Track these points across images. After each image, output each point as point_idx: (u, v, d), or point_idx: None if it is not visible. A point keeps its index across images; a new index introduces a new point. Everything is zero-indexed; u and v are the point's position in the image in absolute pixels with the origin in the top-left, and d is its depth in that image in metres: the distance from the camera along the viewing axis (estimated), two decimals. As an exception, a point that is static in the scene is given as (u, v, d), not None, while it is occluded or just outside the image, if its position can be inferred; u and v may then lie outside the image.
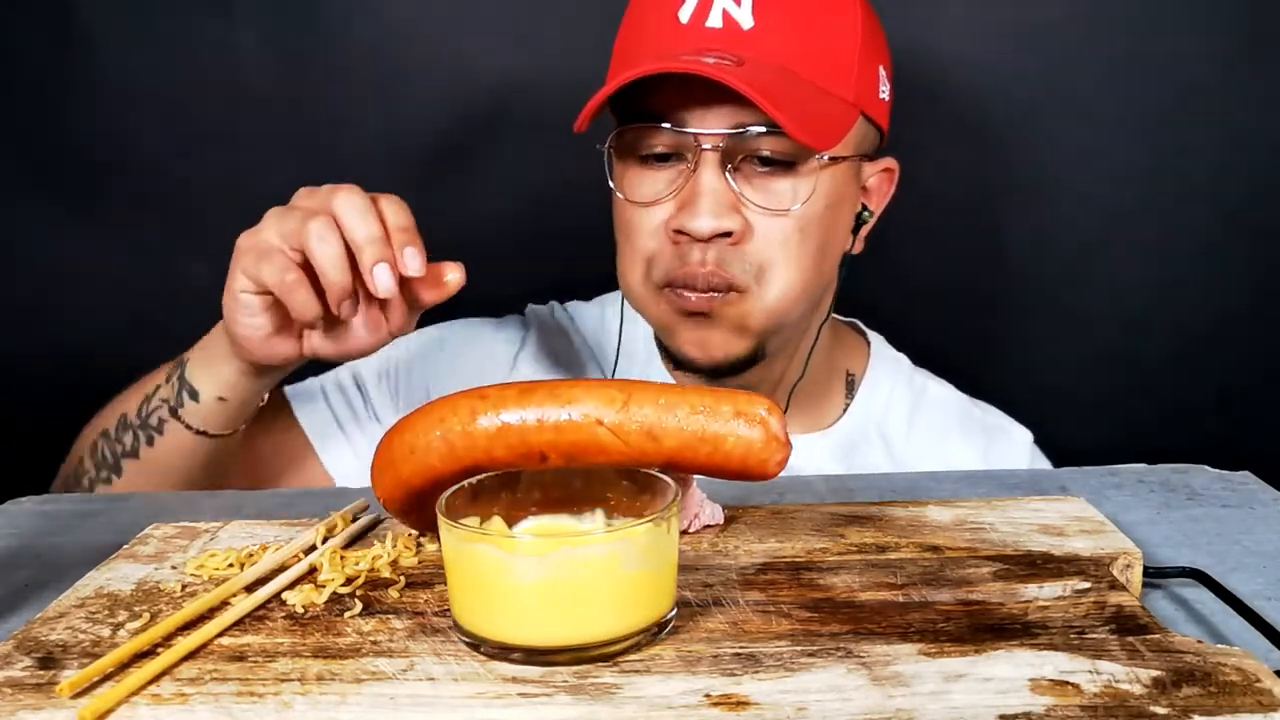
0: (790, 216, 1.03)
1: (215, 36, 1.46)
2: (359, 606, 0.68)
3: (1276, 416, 1.49)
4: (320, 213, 0.88)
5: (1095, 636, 0.62)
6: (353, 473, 1.17)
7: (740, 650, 0.61)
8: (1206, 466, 1.00)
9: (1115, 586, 0.68)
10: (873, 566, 0.72)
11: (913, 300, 1.52)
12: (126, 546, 0.81)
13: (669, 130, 1.02)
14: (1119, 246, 1.47)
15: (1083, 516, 0.79)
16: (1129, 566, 0.72)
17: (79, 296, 1.54)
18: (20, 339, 1.55)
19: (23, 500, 1.02)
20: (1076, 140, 1.44)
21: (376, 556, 0.75)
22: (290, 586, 0.71)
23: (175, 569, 0.76)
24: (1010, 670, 0.58)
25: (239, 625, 0.67)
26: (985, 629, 0.63)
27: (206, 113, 1.48)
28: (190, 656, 0.63)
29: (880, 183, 1.15)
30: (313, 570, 0.74)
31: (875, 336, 1.29)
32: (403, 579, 0.72)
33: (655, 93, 1.01)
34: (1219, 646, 0.60)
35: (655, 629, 0.63)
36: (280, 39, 1.46)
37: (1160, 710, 0.54)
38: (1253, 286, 1.47)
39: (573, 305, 1.33)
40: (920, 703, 0.55)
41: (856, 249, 1.14)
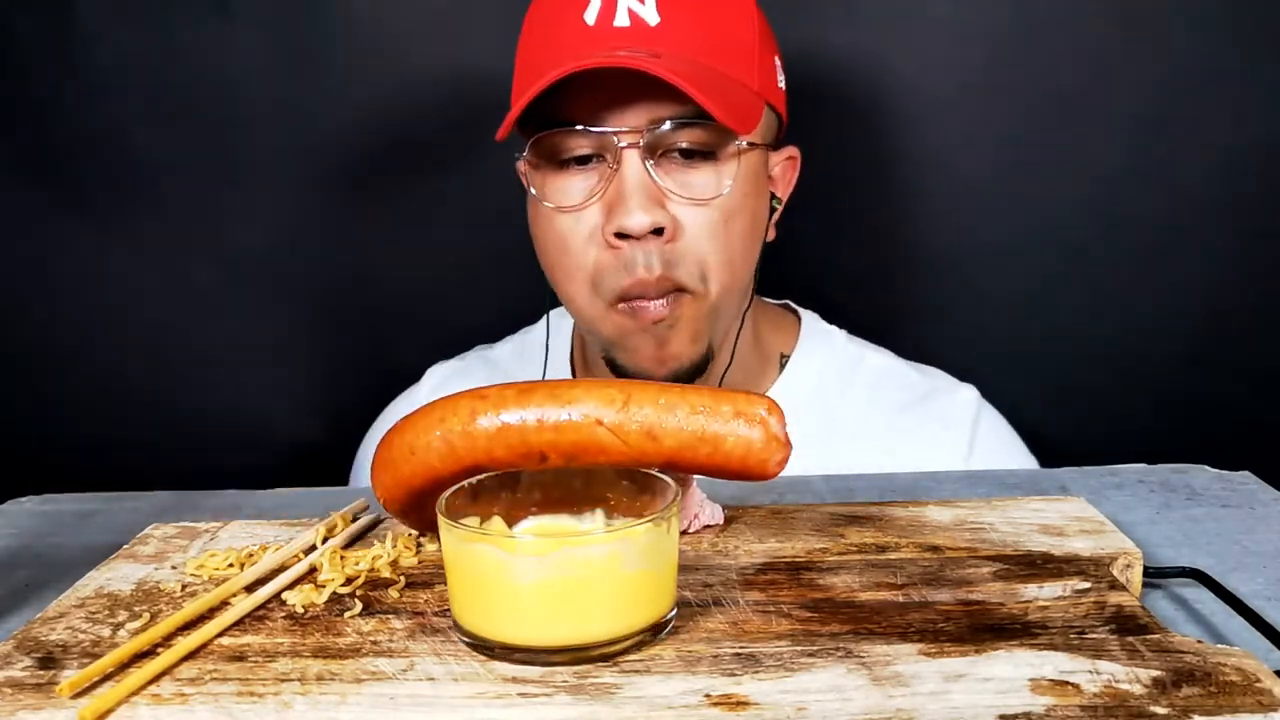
0: (714, 205, 1.03)
1: (215, 36, 1.45)
2: (359, 606, 0.68)
3: (1276, 416, 1.49)
4: None
5: (1095, 636, 0.62)
6: None
7: (740, 650, 0.61)
8: (1206, 466, 1.00)
9: (1115, 586, 0.68)
10: (873, 566, 0.72)
11: (912, 301, 1.52)
12: (126, 546, 0.81)
13: (590, 132, 1.01)
14: (1118, 246, 1.47)
15: (1083, 516, 0.79)
16: (1129, 566, 0.72)
17: (78, 296, 1.54)
18: (20, 339, 1.55)
19: (23, 500, 1.02)
20: (1075, 140, 1.44)
21: (376, 556, 0.75)
22: (290, 586, 0.71)
23: (175, 569, 0.76)
24: (1010, 670, 0.58)
25: (239, 625, 0.67)
26: (985, 629, 0.63)
27: (206, 113, 1.48)
28: (190, 656, 0.63)
29: (785, 170, 1.16)
30: (313, 570, 0.74)
31: (807, 314, 1.29)
32: (403, 579, 0.72)
33: (568, 97, 1.01)
34: (1219, 646, 0.60)
35: (655, 629, 0.63)
36: (280, 39, 1.46)
37: (1160, 710, 0.54)
38: (1253, 286, 1.47)
39: (480, 348, 1.33)
40: (920, 703, 0.55)
41: (770, 236, 1.14)
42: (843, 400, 1.21)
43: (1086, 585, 0.68)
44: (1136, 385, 1.50)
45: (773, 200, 1.14)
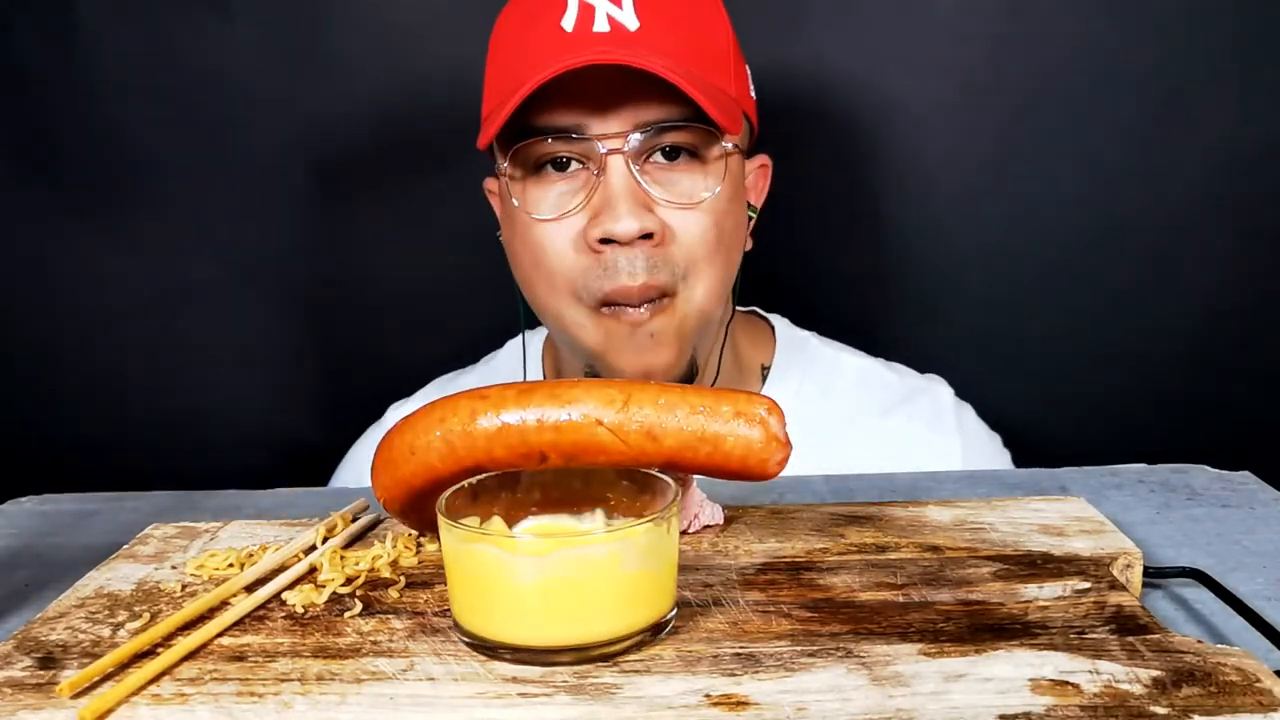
0: (701, 209, 1.02)
1: (215, 36, 1.45)
2: (359, 606, 0.68)
3: (1276, 416, 1.49)
4: None
5: (1095, 636, 0.62)
6: None
7: (740, 650, 0.61)
8: (1206, 466, 1.00)
9: (1115, 586, 0.68)
10: (873, 566, 0.72)
11: (911, 302, 1.52)
12: (126, 546, 0.81)
13: (574, 138, 1.00)
14: (1118, 246, 1.47)
15: (1083, 516, 0.79)
16: (1129, 566, 0.72)
17: (78, 296, 1.54)
18: (20, 339, 1.55)
19: (23, 500, 1.02)
20: (1073, 140, 1.44)
21: (376, 556, 0.75)
22: (290, 586, 0.71)
23: (175, 569, 0.76)
24: (1010, 670, 0.58)
25: (239, 625, 0.67)
26: (985, 629, 0.63)
27: (206, 113, 1.48)
28: (190, 656, 0.63)
29: (757, 179, 1.15)
30: (313, 570, 0.74)
31: (778, 320, 1.28)
32: (403, 579, 0.72)
33: (548, 104, 0.99)
34: (1219, 646, 0.60)
35: (655, 629, 0.63)
36: (280, 39, 1.46)
37: (1160, 710, 0.54)
38: (1253, 286, 1.47)
39: (441, 380, 1.33)
40: (920, 703, 0.55)
41: (747, 246, 1.13)
42: (827, 409, 1.20)
43: (1086, 585, 0.68)
44: (1136, 385, 1.50)
45: (748, 209, 1.13)
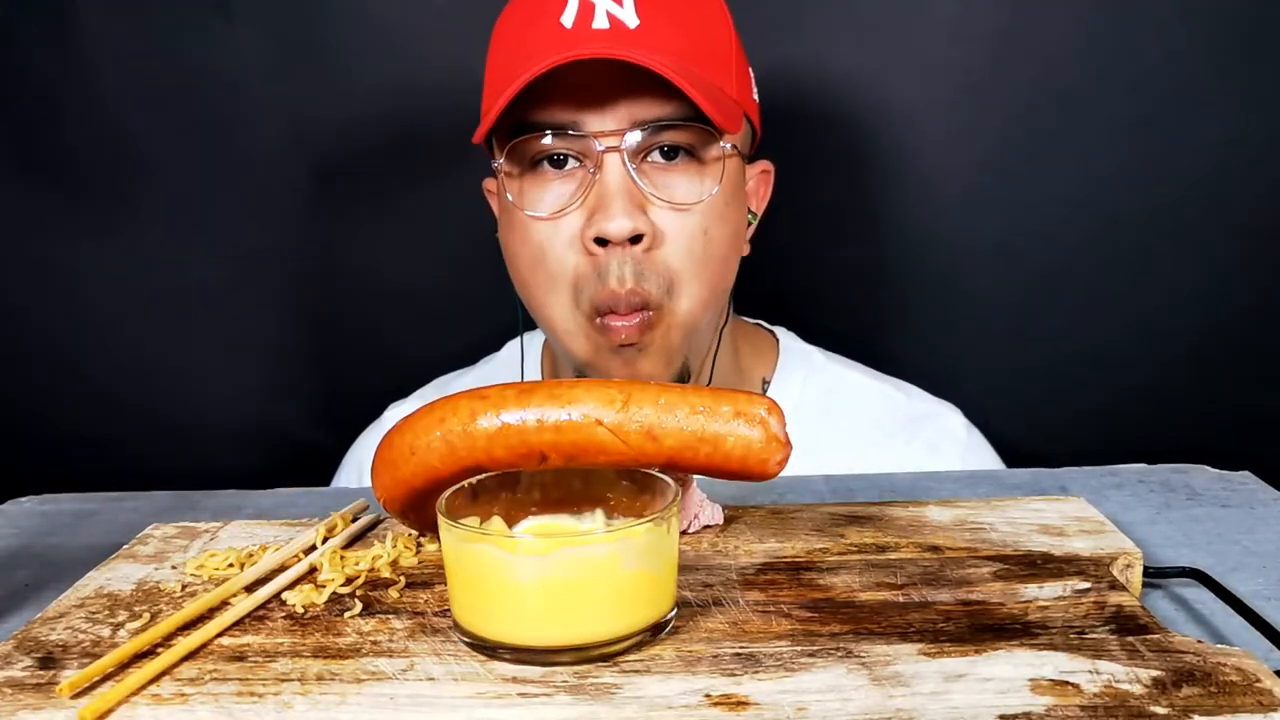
0: (697, 212, 1.01)
1: (215, 36, 1.46)
2: (359, 606, 0.68)
3: (1276, 416, 1.49)
4: None
5: (1095, 636, 0.62)
6: None
7: (740, 650, 0.61)
8: (1206, 466, 1.00)
9: (1115, 586, 0.68)
10: (873, 566, 0.72)
11: (910, 302, 1.52)
12: (126, 546, 0.81)
13: (570, 135, 1.00)
14: (1118, 246, 1.47)
15: (1083, 516, 0.79)
16: (1129, 566, 0.72)
17: (78, 296, 1.54)
18: (20, 339, 1.55)
19: (23, 500, 1.02)
20: (1074, 140, 1.44)
21: (376, 556, 0.75)
22: (290, 586, 0.71)
23: (175, 569, 0.76)
24: (1010, 670, 0.58)
25: (239, 625, 0.67)
26: (985, 629, 0.63)
27: (206, 113, 1.48)
28: (190, 656, 0.63)
29: (758, 184, 1.14)
30: (313, 570, 0.74)
31: (783, 333, 1.26)
32: (403, 579, 0.72)
33: (545, 100, 0.99)
34: (1219, 646, 0.60)
35: (655, 629, 0.63)
36: (280, 39, 1.46)
37: (1160, 710, 0.54)
38: (1253, 286, 1.47)
39: (439, 381, 1.32)
40: (920, 703, 0.55)
41: (745, 251, 1.12)
42: (828, 425, 1.18)
43: (1086, 585, 0.68)
44: (1136, 385, 1.50)
45: (748, 214, 1.12)
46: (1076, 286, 1.49)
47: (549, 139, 1.01)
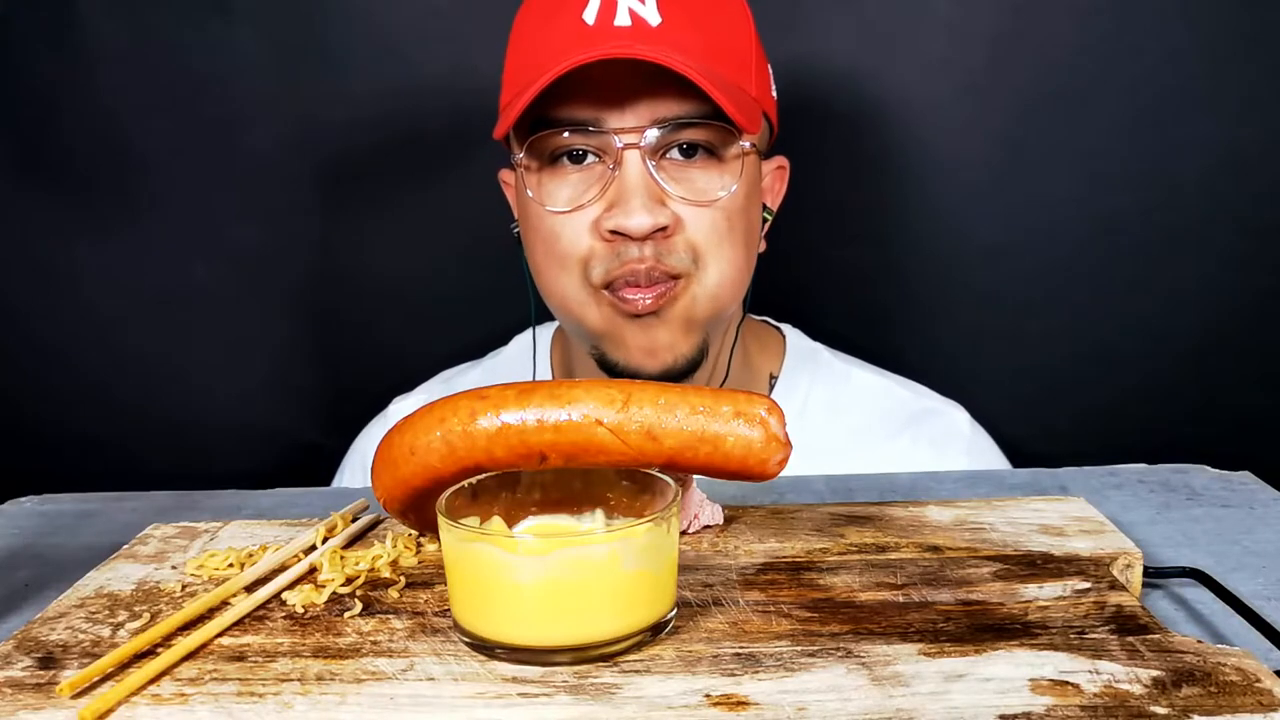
0: (717, 207, 1.02)
1: (215, 36, 1.46)
2: (359, 606, 0.68)
3: (1276, 416, 1.49)
4: None
5: (1095, 636, 0.62)
6: None
7: (740, 650, 0.61)
8: (1206, 466, 1.00)
9: (1115, 586, 0.68)
10: (873, 566, 0.72)
11: (911, 302, 1.52)
12: (126, 546, 0.81)
13: (591, 132, 1.00)
14: (1118, 246, 1.47)
15: (1083, 516, 0.79)
16: (1129, 566, 0.72)
17: (78, 296, 1.54)
18: (20, 339, 1.55)
19: (23, 500, 1.02)
20: (1074, 140, 1.44)
21: (376, 556, 0.75)
22: (290, 586, 0.71)
23: (175, 569, 0.76)
24: (1010, 670, 0.58)
25: (239, 625, 0.67)
26: (985, 629, 0.63)
27: (206, 112, 1.48)
28: (190, 656, 0.63)
29: (774, 181, 1.15)
30: (313, 570, 0.74)
31: (790, 330, 1.27)
32: (403, 579, 0.72)
33: (566, 96, 0.99)
34: (1219, 646, 0.60)
35: (655, 629, 0.63)
36: (280, 39, 1.46)
37: (1160, 710, 0.54)
38: (1252, 286, 1.47)
39: (443, 376, 1.32)
40: (920, 703, 0.55)
41: (760, 248, 1.13)
42: (833, 421, 1.19)
43: (1086, 585, 0.68)
44: (1136, 385, 1.50)
45: (763, 211, 1.13)
46: (1077, 286, 1.49)
47: (569, 136, 1.02)
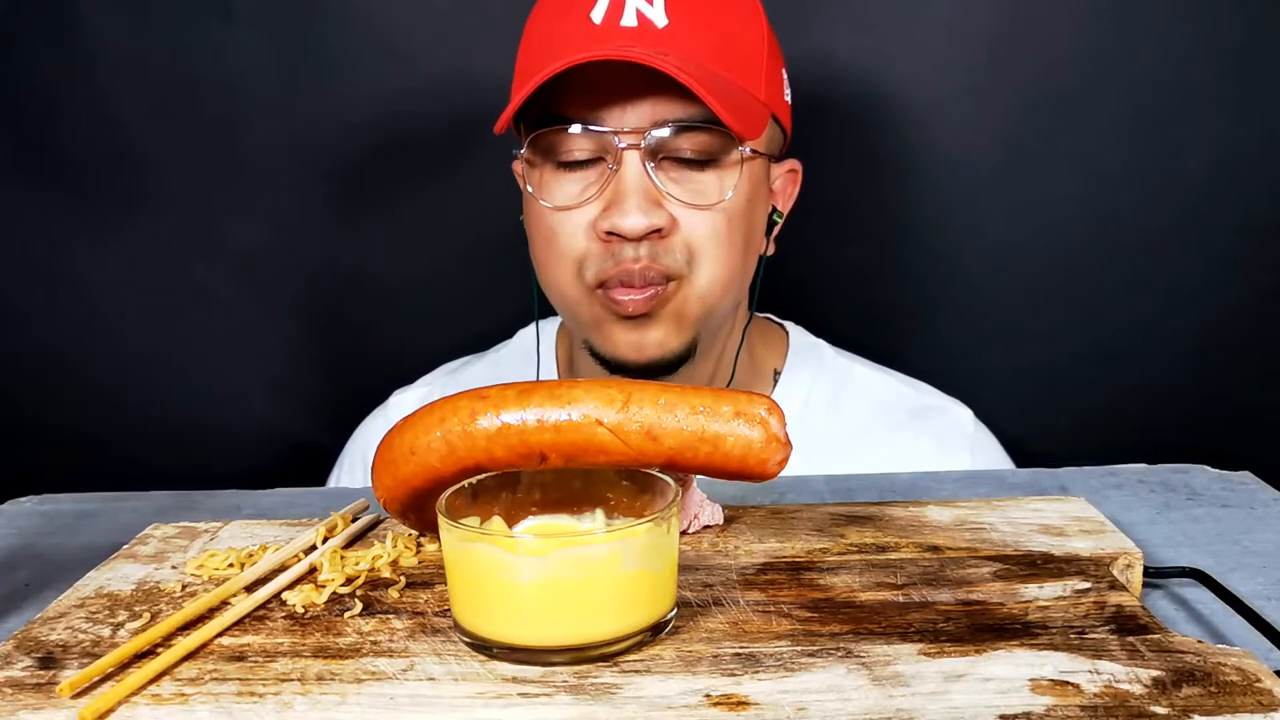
0: (715, 210, 1.03)
1: (215, 36, 1.46)
2: (359, 606, 0.68)
3: (1276, 416, 1.49)
4: None
5: (1095, 636, 0.62)
6: None
7: (740, 650, 0.61)
8: (1206, 466, 1.00)
9: (1115, 586, 0.68)
10: (873, 566, 0.72)
11: (911, 302, 1.52)
12: (126, 546, 0.81)
13: (591, 131, 1.01)
14: (1118, 246, 1.47)
15: (1083, 516, 0.79)
16: (1129, 566, 0.72)
17: (78, 296, 1.54)
18: (20, 339, 1.55)
19: (23, 500, 1.02)
20: (1074, 140, 1.44)
21: (376, 556, 0.75)
22: (290, 586, 0.71)
23: (175, 569, 0.76)
24: (1010, 670, 0.58)
25: (239, 625, 0.67)
26: (985, 629, 0.63)
27: (206, 113, 1.48)
28: (190, 656, 0.63)
29: (785, 184, 1.15)
30: (313, 570, 0.74)
31: (793, 327, 1.27)
32: (403, 579, 0.72)
33: (569, 94, 1.00)
34: (1219, 646, 0.60)
35: (655, 629, 0.63)
36: (280, 39, 1.46)
37: (1160, 710, 0.54)
38: (1252, 286, 1.47)
39: (445, 369, 1.33)
40: (920, 703, 0.55)
41: (769, 250, 1.13)
42: (835, 417, 1.19)
43: (1086, 585, 0.68)
44: (1136, 385, 1.50)
45: (773, 214, 1.13)
46: (1077, 286, 1.49)
47: (570, 133, 1.02)
